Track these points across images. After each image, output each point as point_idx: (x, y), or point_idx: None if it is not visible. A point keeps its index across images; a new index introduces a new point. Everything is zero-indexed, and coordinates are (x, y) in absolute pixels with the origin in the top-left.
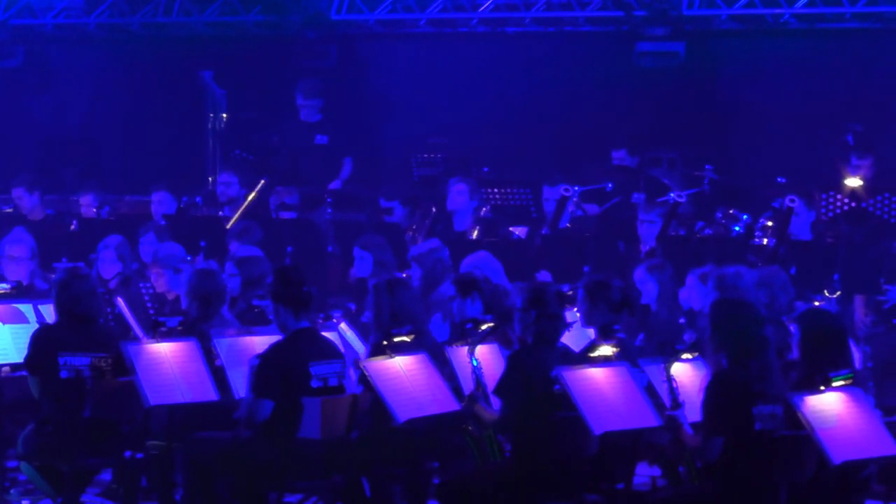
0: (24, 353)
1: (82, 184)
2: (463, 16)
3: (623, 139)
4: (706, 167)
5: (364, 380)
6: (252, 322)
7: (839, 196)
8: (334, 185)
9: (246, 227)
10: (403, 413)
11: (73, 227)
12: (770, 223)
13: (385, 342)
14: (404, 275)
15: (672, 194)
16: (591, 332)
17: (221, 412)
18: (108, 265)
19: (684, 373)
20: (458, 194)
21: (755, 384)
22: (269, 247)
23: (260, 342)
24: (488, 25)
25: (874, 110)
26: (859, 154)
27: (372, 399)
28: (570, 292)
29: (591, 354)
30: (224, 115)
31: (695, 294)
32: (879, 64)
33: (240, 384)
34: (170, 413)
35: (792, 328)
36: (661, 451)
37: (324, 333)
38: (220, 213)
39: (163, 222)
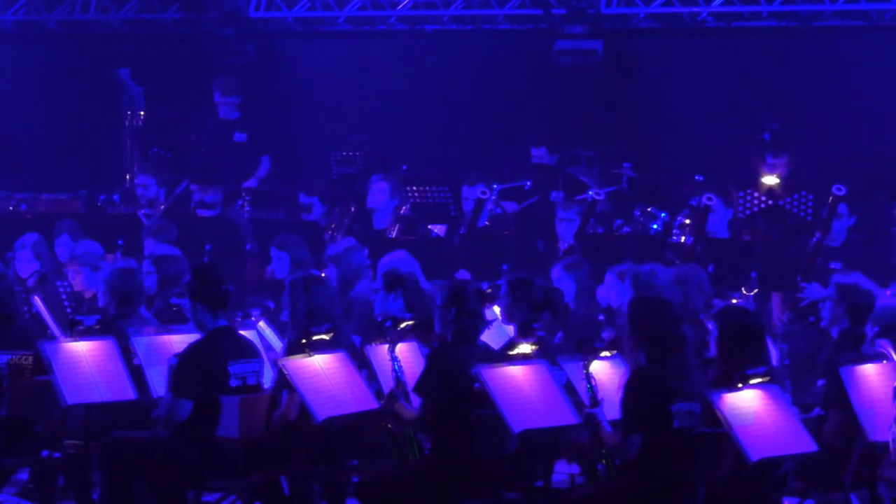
0: None
1: None
2: (381, 14)
3: (542, 137)
4: (624, 165)
5: (283, 378)
6: (170, 321)
7: (756, 194)
8: (250, 183)
9: (162, 225)
10: (322, 411)
11: None
12: (688, 221)
13: (303, 340)
14: (322, 274)
15: (590, 192)
16: (511, 330)
17: (139, 411)
18: (24, 263)
19: (603, 370)
20: (379, 192)
21: (673, 382)
22: (187, 245)
23: (178, 341)
24: (407, 23)
25: (791, 108)
26: (775, 152)
27: (290, 397)
28: (490, 290)
29: (511, 352)
30: (142, 113)
31: (613, 292)
32: (796, 62)
33: (158, 383)
34: (87, 412)
35: (710, 326)
36: (580, 448)
37: (242, 332)
38: (141, 212)
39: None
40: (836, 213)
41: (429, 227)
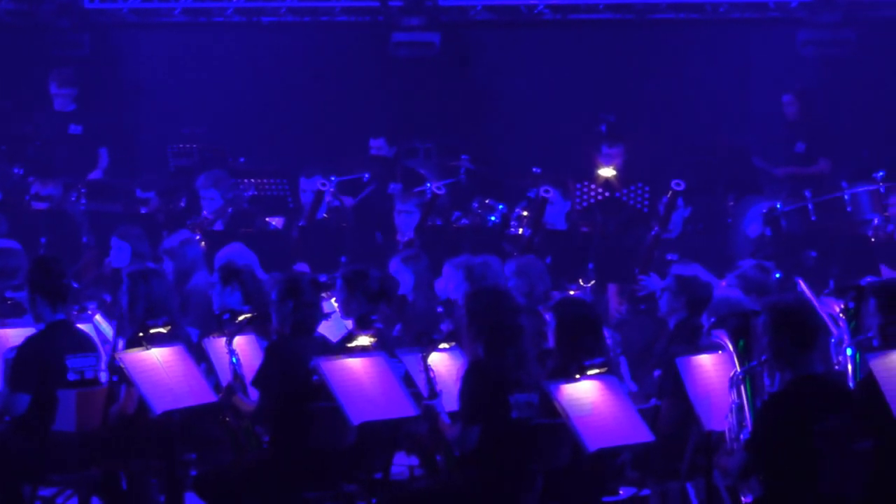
0: None
1: None
2: (218, 5)
3: (380, 129)
4: (462, 157)
5: (120, 371)
6: (6, 314)
7: (593, 186)
8: (94, 174)
9: None
10: (160, 405)
11: None
12: (525, 213)
13: (141, 333)
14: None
15: (429, 185)
16: (349, 323)
17: None
18: None
19: (441, 362)
20: (210, 201)
21: (511, 373)
22: (21, 238)
23: (14, 334)
24: (244, 15)
25: (627, 100)
26: (612, 143)
27: (128, 391)
28: (328, 282)
29: (349, 345)
30: None
31: (451, 284)
32: (632, 54)
33: None
34: None
35: (547, 317)
36: (419, 440)
37: (79, 325)
38: None
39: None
40: (674, 207)
41: (266, 219)
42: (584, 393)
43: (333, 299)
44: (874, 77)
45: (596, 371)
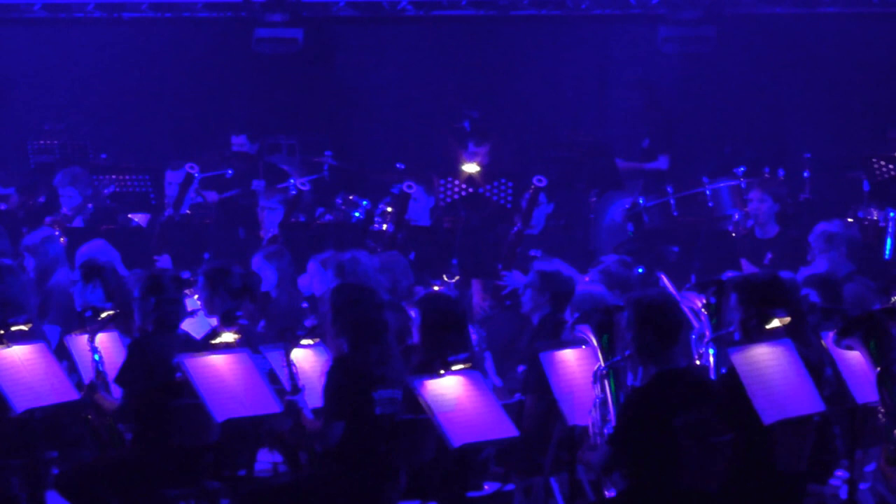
0: None
1: None
2: (78, 1)
3: (242, 125)
4: (325, 153)
5: None
6: None
7: (457, 182)
8: None
9: None
10: (21, 403)
11: None
12: (389, 209)
13: (1, 331)
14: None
15: (293, 181)
16: (213, 320)
17: None
18: None
19: (306, 358)
20: (69, 198)
21: (375, 368)
22: None
23: None
24: (104, 11)
25: (490, 97)
26: (476, 140)
27: None
28: (191, 278)
29: (213, 341)
30: None
31: (316, 280)
32: (495, 51)
33: None
34: None
35: (412, 313)
36: (282, 437)
37: None
38: None
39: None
40: (536, 203)
41: (129, 216)
42: (448, 388)
43: (196, 296)
44: (735, 74)
45: (460, 366)
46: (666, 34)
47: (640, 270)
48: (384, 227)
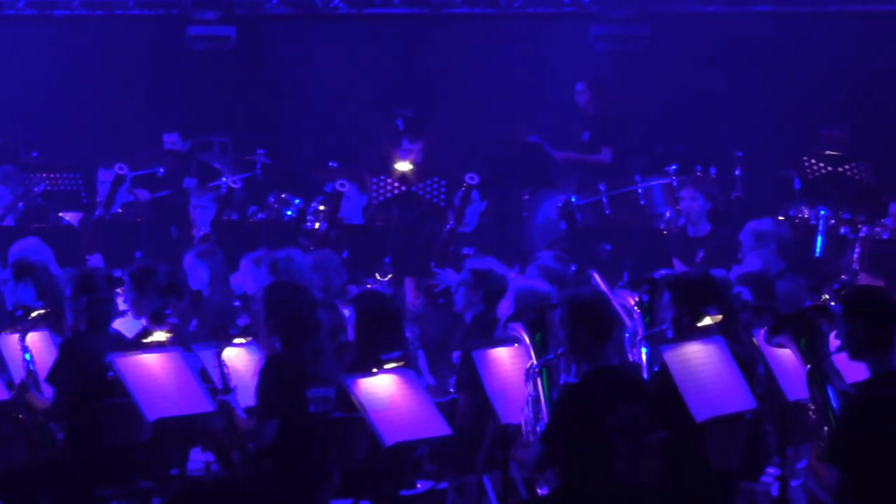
0: None
1: None
2: None
3: (174, 123)
4: (258, 151)
5: None
6: None
7: (390, 180)
8: None
9: None
10: None
11: None
12: (322, 207)
13: None
14: None
15: (225, 179)
16: (144, 320)
17: None
18: None
19: (238, 357)
20: None
21: (308, 367)
22: None
23: None
24: (35, 8)
25: (423, 95)
26: (409, 138)
27: None
28: (122, 277)
29: (145, 340)
30: None
31: (248, 278)
32: (428, 49)
33: None
34: None
35: (345, 311)
36: (215, 436)
37: None
38: None
39: None
40: (469, 201)
41: (60, 214)
42: (381, 387)
43: (121, 299)
44: (667, 72)
45: (393, 365)
46: (598, 32)
47: (573, 268)
48: (317, 225)
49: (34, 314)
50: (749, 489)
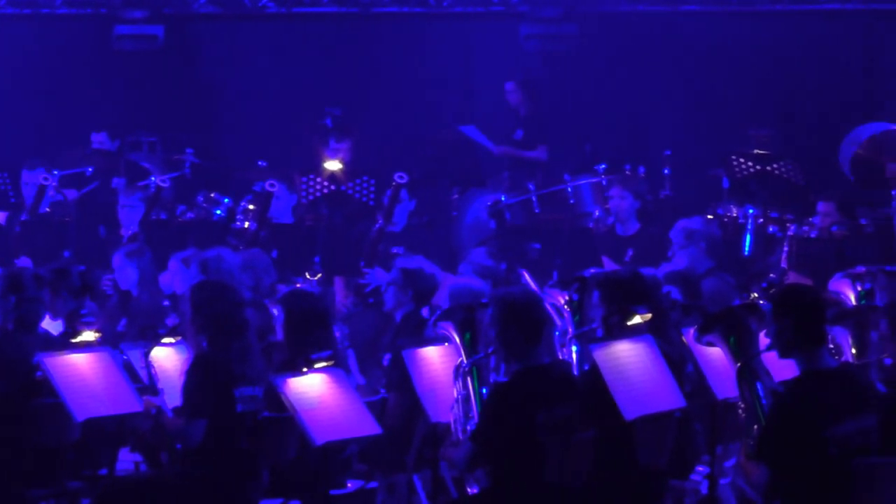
0: None
1: None
2: None
3: (102, 123)
4: (187, 151)
5: None
6: None
7: (319, 179)
8: None
9: None
10: None
11: None
12: (251, 206)
13: None
14: None
15: (153, 178)
16: (59, 323)
17: None
18: None
19: (167, 357)
20: None
21: (236, 366)
22: None
23: None
24: None
25: (353, 94)
26: (338, 137)
27: None
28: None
29: (74, 340)
30: None
31: (178, 278)
32: (357, 48)
33: None
34: None
35: (274, 310)
36: (144, 436)
37: None
38: None
39: None
40: (398, 200)
41: None
42: (310, 386)
43: None
44: (596, 71)
45: (323, 364)
46: (527, 32)
47: (503, 267)
48: (246, 224)
49: None
50: (678, 487)
